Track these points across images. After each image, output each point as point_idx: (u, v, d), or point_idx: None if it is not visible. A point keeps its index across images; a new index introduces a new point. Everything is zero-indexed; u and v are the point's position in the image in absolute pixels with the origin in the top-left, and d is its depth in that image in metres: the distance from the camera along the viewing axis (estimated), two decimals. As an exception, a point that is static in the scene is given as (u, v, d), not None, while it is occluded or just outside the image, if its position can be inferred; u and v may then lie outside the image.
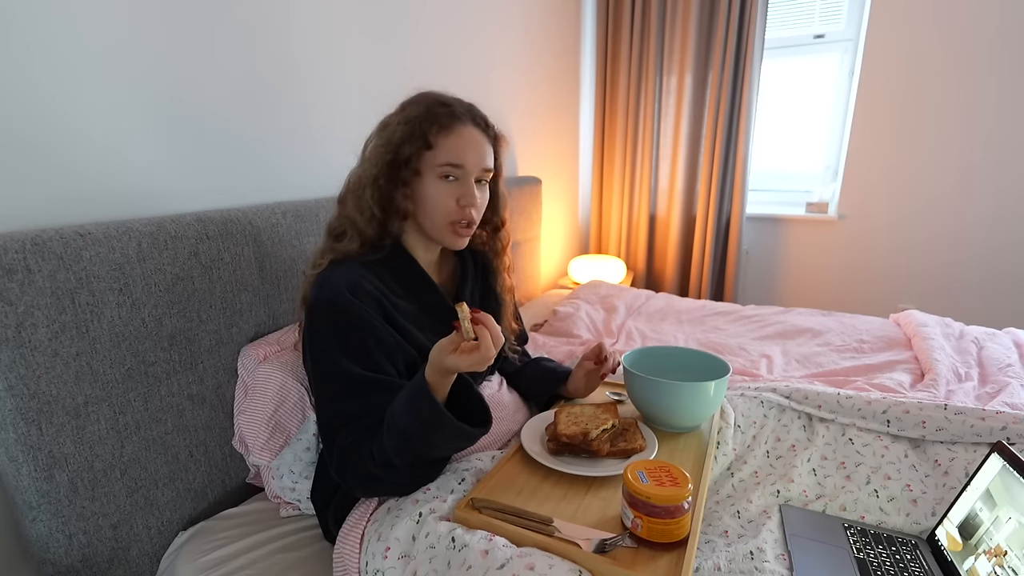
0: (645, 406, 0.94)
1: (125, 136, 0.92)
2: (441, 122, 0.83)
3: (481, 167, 0.87)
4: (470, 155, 0.85)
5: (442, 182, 0.85)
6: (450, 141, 0.83)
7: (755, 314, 1.87)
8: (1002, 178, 2.29)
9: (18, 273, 0.70)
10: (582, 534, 0.66)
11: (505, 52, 2.02)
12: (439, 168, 0.84)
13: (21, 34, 0.77)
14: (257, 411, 0.95)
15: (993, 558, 0.68)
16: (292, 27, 1.19)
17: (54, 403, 0.76)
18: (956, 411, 0.97)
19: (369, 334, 0.79)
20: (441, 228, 0.87)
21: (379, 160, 0.84)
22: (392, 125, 0.85)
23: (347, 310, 0.78)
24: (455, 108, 0.85)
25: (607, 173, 2.90)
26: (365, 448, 0.74)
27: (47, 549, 0.78)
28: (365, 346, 0.79)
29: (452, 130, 0.84)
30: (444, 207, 0.86)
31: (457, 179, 0.85)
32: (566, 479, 0.80)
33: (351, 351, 0.78)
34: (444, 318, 0.93)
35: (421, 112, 0.84)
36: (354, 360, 0.78)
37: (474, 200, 0.86)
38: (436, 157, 0.83)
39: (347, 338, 0.78)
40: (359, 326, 0.79)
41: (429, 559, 0.65)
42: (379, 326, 0.80)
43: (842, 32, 2.51)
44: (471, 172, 0.86)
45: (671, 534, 0.64)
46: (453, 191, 0.85)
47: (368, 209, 0.85)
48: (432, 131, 0.83)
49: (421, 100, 0.86)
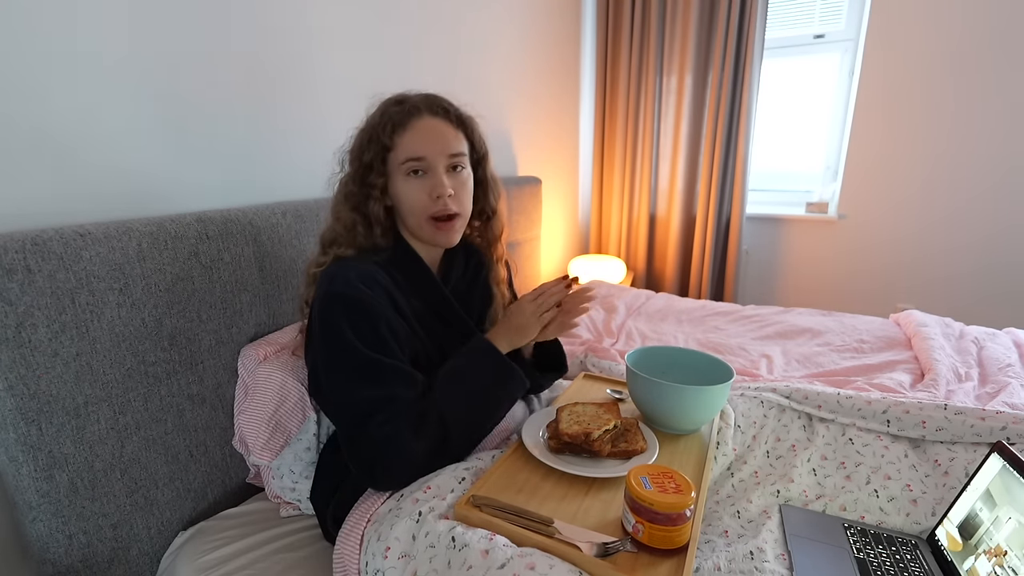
0: (647, 407, 0.94)
1: (125, 136, 0.92)
2: (395, 120, 0.84)
3: (447, 153, 0.85)
4: (430, 145, 0.84)
5: (410, 179, 0.85)
6: (407, 137, 0.84)
7: (755, 314, 1.87)
8: (1002, 178, 2.29)
9: (18, 273, 0.70)
10: (583, 537, 0.66)
11: (505, 52, 2.02)
12: (403, 166, 0.84)
13: (21, 34, 0.77)
14: (257, 411, 0.95)
15: (993, 558, 0.68)
16: (292, 27, 1.19)
17: (54, 403, 0.76)
18: (956, 411, 0.97)
19: (382, 323, 0.80)
20: (422, 225, 0.87)
21: (348, 173, 0.87)
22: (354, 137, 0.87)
23: (359, 299, 0.79)
24: (407, 103, 0.85)
25: (607, 173, 2.90)
26: (409, 432, 0.75)
27: (47, 549, 0.78)
28: (380, 335, 0.79)
29: (407, 126, 0.84)
30: (418, 203, 0.85)
31: (425, 172, 0.85)
32: (567, 479, 0.80)
33: (368, 339, 0.78)
34: (446, 316, 0.93)
35: (376, 117, 0.85)
36: (372, 348, 0.78)
37: (444, 189, 0.84)
38: (397, 156, 0.84)
39: (361, 327, 0.78)
40: (372, 314, 0.79)
41: (429, 559, 0.65)
42: (392, 316, 0.81)
43: (842, 32, 2.51)
44: (437, 162, 0.85)
45: (672, 541, 0.64)
46: (423, 185, 0.85)
47: (349, 220, 0.86)
48: (387, 132, 0.83)
49: (379, 105, 0.88)
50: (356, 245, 0.87)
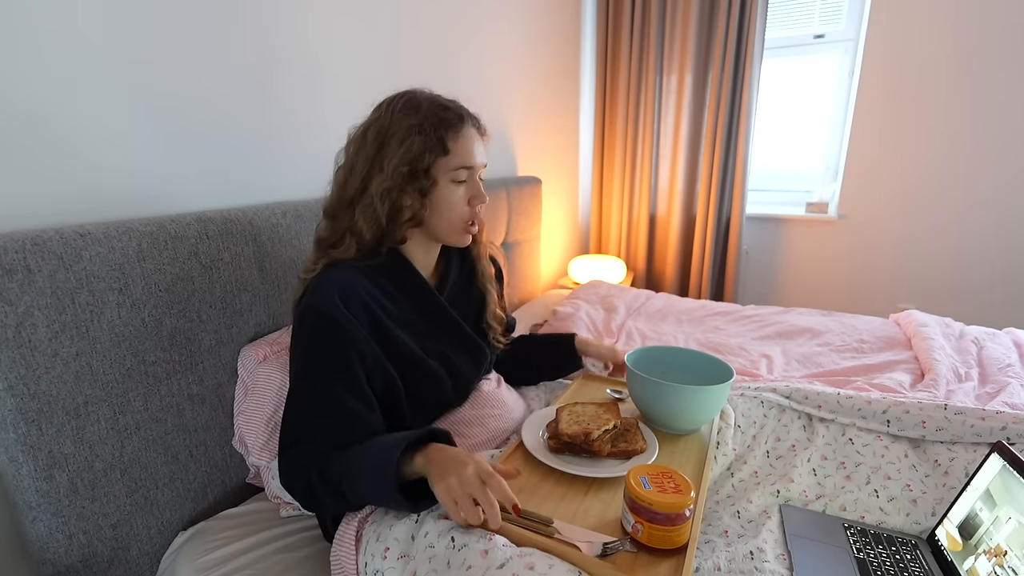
0: (647, 407, 0.94)
1: (125, 136, 0.92)
2: (452, 126, 0.83)
3: (482, 165, 0.89)
4: (476, 155, 0.86)
5: (455, 186, 0.86)
6: (459, 144, 0.84)
7: (755, 314, 1.87)
8: (1002, 178, 2.29)
9: (18, 273, 0.70)
10: (582, 536, 0.66)
11: (505, 52, 2.02)
12: (453, 172, 0.84)
13: (20, 34, 0.77)
14: (257, 411, 0.95)
15: (993, 558, 0.68)
16: (292, 27, 1.19)
17: (54, 403, 0.76)
18: (956, 411, 0.97)
19: (351, 348, 0.78)
20: (455, 230, 0.89)
21: (393, 172, 0.81)
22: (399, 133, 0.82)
23: (332, 321, 0.77)
24: (455, 109, 0.85)
25: (607, 173, 2.90)
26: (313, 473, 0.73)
27: (47, 549, 0.78)
28: (344, 356, 0.78)
29: (460, 132, 0.84)
30: (459, 210, 0.87)
31: (465, 180, 0.87)
32: (566, 478, 0.80)
33: (329, 365, 0.77)
34: (441, 321, 0.93)
35: (431, 118, 0.82)
36: (332, 375, 0.77)
37: (485, 198, 0.89)
38: (450, 162, 0.84)
39: (327, 350, 0.77)
40: (342, 339, 0.77)
41: (428, 559, 0.65)
42: (362, 340, 0.79)
43: (842, 32, 2.51)
44: (477, 171, 0.88)
45: (672, 540, 0.64)
46: (465, 193, 0.87)
47: (375, 219, 0.83)
48: (448, 136, 0.83)
49: (418, 104, 0.83)
50: (363, 244, 0.84)
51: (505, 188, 1.92)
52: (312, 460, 0.74)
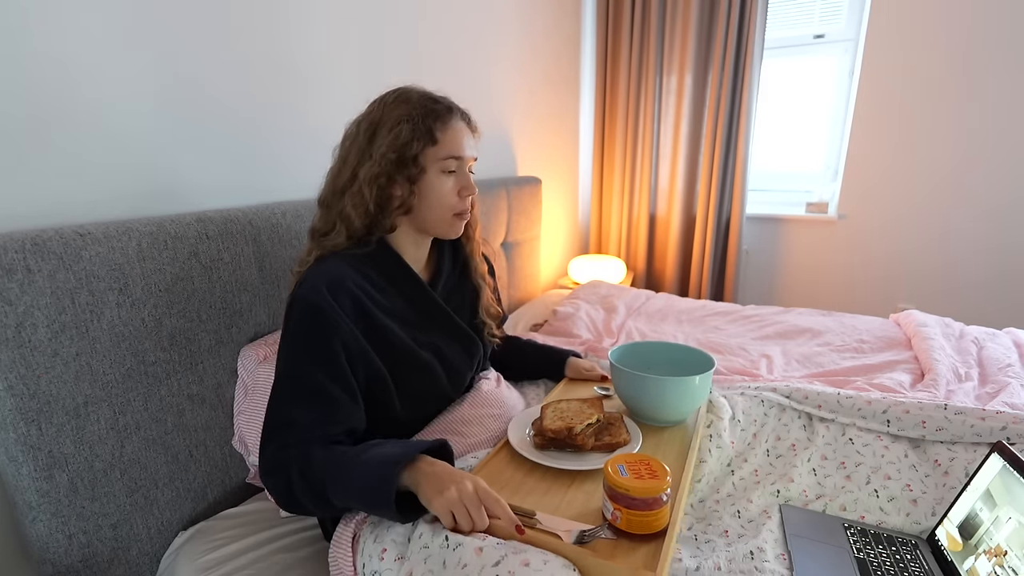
0: (631, 400, 0.95)
1: (125, 136, 0.92)
2: (441, 117, 0.86)
3: (472, 157, 0.90)
4: (465, 147, 0.88)
5: (444, 176, 0.87)
6: (448, 135, 0.86)
7: (755, 314, 1.87)
8: (1002, 178, 2.29)
9: (18, 273, 0.70)
10: (563, 526, 0.67)
11: (505, 52, 2.02)
12: (442, 162, 0.86)
13: (21, 33, 0.77)
14: (257, 411, 0.95)
15: (993, 558, 0.68)
16: (293, 27, 1.19)
17: (54, 403, 0.76)
18: (956, 411, 0.97)
19: (336, 338, 0.78)
20: (444, 220, 0.90)
21: (381, 158, 0.84)
22: (388, 123, 0.84)
23: (318, 309, 0.78)
24: (442, 103, 0.88)
25: (607, 173, 2.90)
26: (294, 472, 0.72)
27: (47, 549, 0.78)
28: (331, 348, 0.78)
29: (449, 124, 0.86)
30: (448, 200, 0.88)
31: (455, 171, 0.88)
32: (550, 473, 0.80)
33: (314, 354, 0.77)
34: (431, 312, 0.93)
35: (420, 109, 0.85)
36: (316, 364, 0.77)
37: (474, 189, 0.90)
38: (439, 152, 0.85)
39: (311, 339, 0.78)
40: (327, 328, 0.78)
41: (424, 559, 0.65)
42: (347, 331, 0.79)
43: (842, 32, 2.51)
44: (467, 163, 0.89)
45: (650, 525, 0.65)
46: (455, 183, 0.89)
47: (363, 206, 0.85)
48: (436, 126, 0.85)
49: (409, 97, 0.87)
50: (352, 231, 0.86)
51: (505, 188, 1.92)
52: (293, 452, 0.73)
